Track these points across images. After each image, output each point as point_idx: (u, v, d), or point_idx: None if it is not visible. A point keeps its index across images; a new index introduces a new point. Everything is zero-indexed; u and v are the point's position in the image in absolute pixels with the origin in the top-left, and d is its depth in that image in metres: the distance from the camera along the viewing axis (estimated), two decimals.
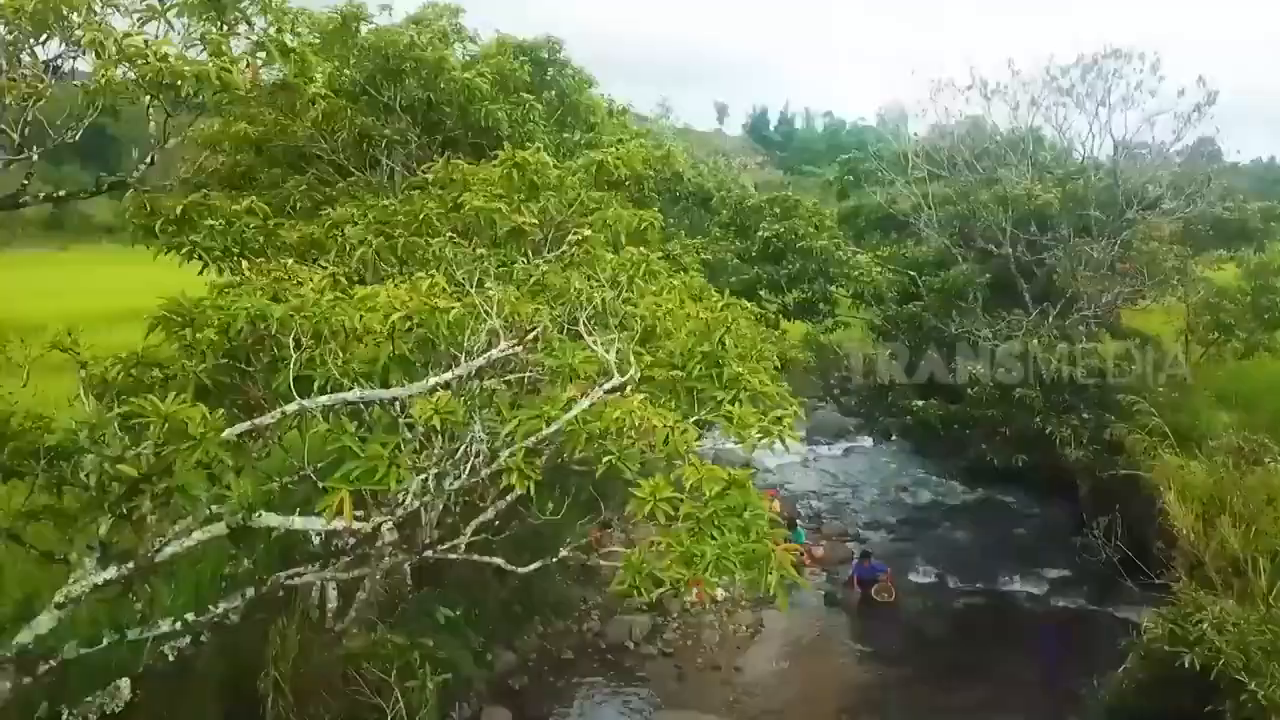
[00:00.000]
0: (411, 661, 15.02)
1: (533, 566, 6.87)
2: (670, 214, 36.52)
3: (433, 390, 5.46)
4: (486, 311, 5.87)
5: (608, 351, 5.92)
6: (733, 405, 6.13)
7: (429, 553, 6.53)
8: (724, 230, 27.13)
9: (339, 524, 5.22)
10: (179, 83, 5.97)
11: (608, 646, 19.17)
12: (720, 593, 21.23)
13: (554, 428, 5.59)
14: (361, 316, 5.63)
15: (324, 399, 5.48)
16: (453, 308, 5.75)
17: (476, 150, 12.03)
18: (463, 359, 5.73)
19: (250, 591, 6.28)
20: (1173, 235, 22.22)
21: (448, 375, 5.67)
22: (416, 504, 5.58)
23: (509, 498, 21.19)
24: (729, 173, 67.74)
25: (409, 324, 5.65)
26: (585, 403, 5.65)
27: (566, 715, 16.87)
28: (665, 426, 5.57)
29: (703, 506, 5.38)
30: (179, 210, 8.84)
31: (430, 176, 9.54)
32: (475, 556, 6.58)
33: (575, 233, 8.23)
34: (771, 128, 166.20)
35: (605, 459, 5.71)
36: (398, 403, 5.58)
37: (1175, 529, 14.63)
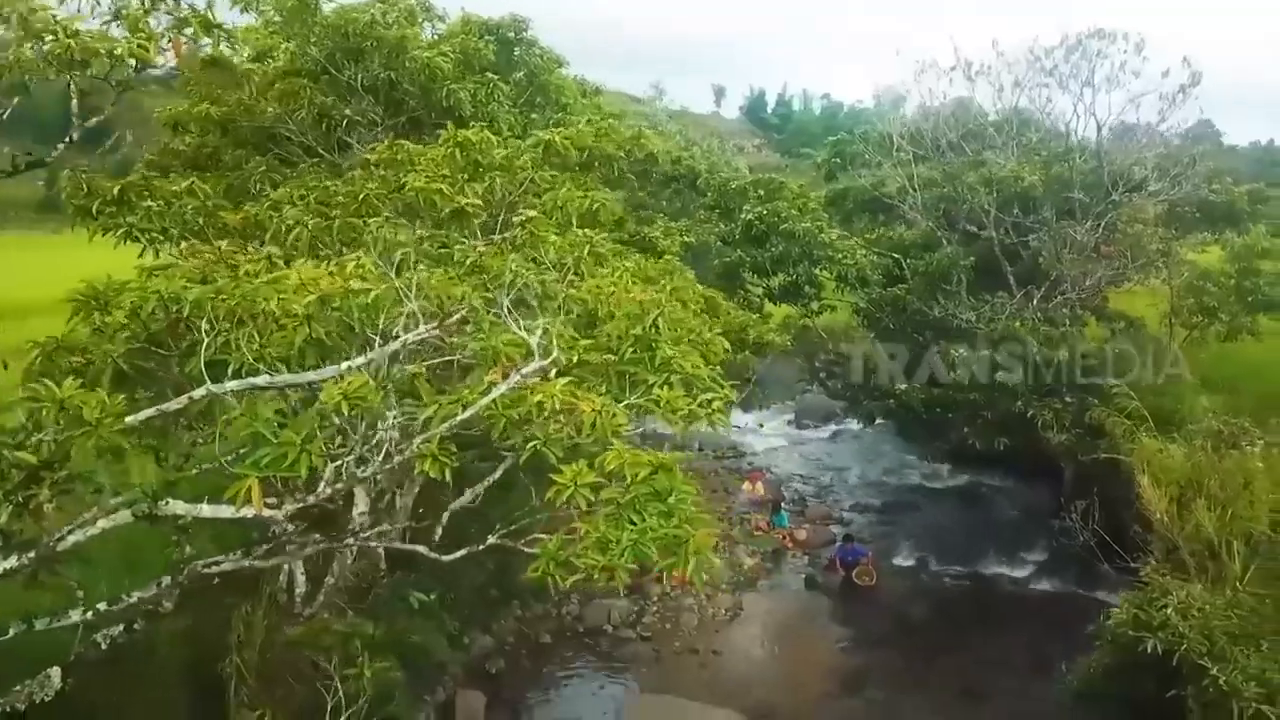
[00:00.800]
0: (381, 646, 15.07)
1: (458, 554, 6.70)
2: (661, 196, 36.40)
3: (342, 375, 5.33)
4: (406, 294, 5.74)
5: (531, 335, 5.79)
6: (663, 389, 6.00)
7: (350, 540, 6.41)
8: (709, 212, 26.95)
9: (248, 511, 5.12)
10: (92, 60, 5.83)
11: (586, 630, 19.14)
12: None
13: (469, 412, 5.47)
14: (281, 299, 5.50)
15: (232, 384, 5.35)
16: (369, 290, 5.62)
17: (440, 130, 11.85)
18: (378, 343, 5.60)
19: (167, 580, 6.17)
20: (1157, 217, 22.04)
21: (361, 360, 5.55)
22: (329, 490, 5.48)
23: (486, 483, 20.96)
24: (721, 155, 67.56)
25: (326, 307, 5.53)
26: (502, 387, 5.52)
27: (543, 699, 16.84)
28: (593, 410, 5.45)
29: (624, 491, 5.27)
30: (116, 191, 8.70)
31: (372, 157, 9.39)
32: (399, 544, 6.44)
33: (521, 214, 8.08)
34: (769, 110, 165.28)
35: (530, 444, 5.58)
36: (315, 388, 5.46)
37: (1149, 513, 14.57)
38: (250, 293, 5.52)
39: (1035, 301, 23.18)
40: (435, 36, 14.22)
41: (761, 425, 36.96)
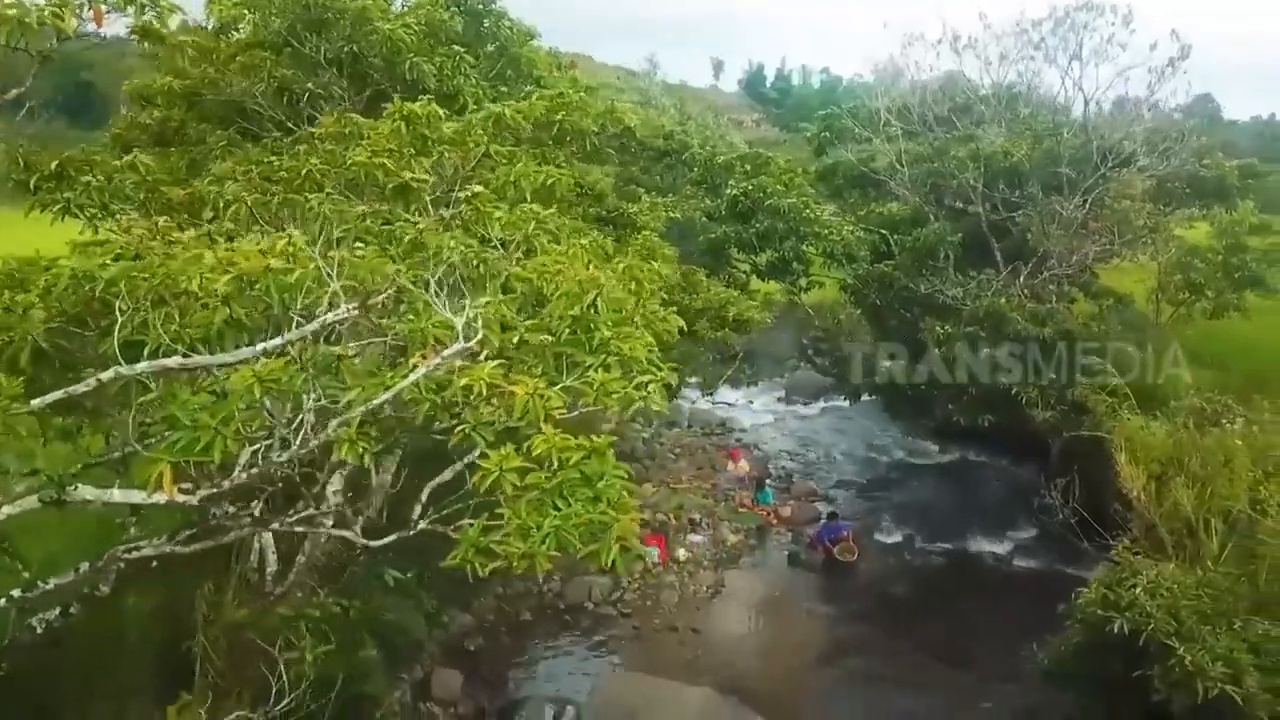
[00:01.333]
0: (355, 625, 15.04)
1: (388, 539, 6.58)
2: (654, 172, 36.11)
3: (258, 357, 5.18)
4: (328, 274, 5.58)
5: (458, 316, 5.63)
6: (600, 371, 5.85)
7: (276, 525, 6.30)
8: (695, 188, 26.71)
9: (159, 497, 5.00)
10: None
11: (566, 607, 19.12)
12: (682, 553, 21.26)
13: (388, 395, 5.32)
14: (204, 279, 5.34)
15: (142, 365, 5.21)
16: (290, 270, 5.45)
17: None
18: (294, 325, 5.44)
19: (85, 566, 6.07)
20: (1145, 193, 21.81)
21: (276, 341, 5.41)
22: (244, 476, 5.36)
23: (468, 460, 21.01)
24: (716, 129, 67.08)
25: (245, 287, 5.37)
26: (421, 370, 5.38)
27: (521, 677, 16.82)
28: (526, 394, 5.31)
29: (550, 477, 5.14)
30: (54, 166, 8.52)
31: (317, 130, 9.20)
32: (332, 529, 6.32)
33: (467, 189, 7.89)
34: (768, 85, 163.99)
35: (459, 429, 5.45)
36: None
37: (1127, 491, 14.50)
38: (172, 271, 5.37)
39: (1022, 278, 22.99)
40: (403, 8, 13.96)
41: (751, 402, 36.91)
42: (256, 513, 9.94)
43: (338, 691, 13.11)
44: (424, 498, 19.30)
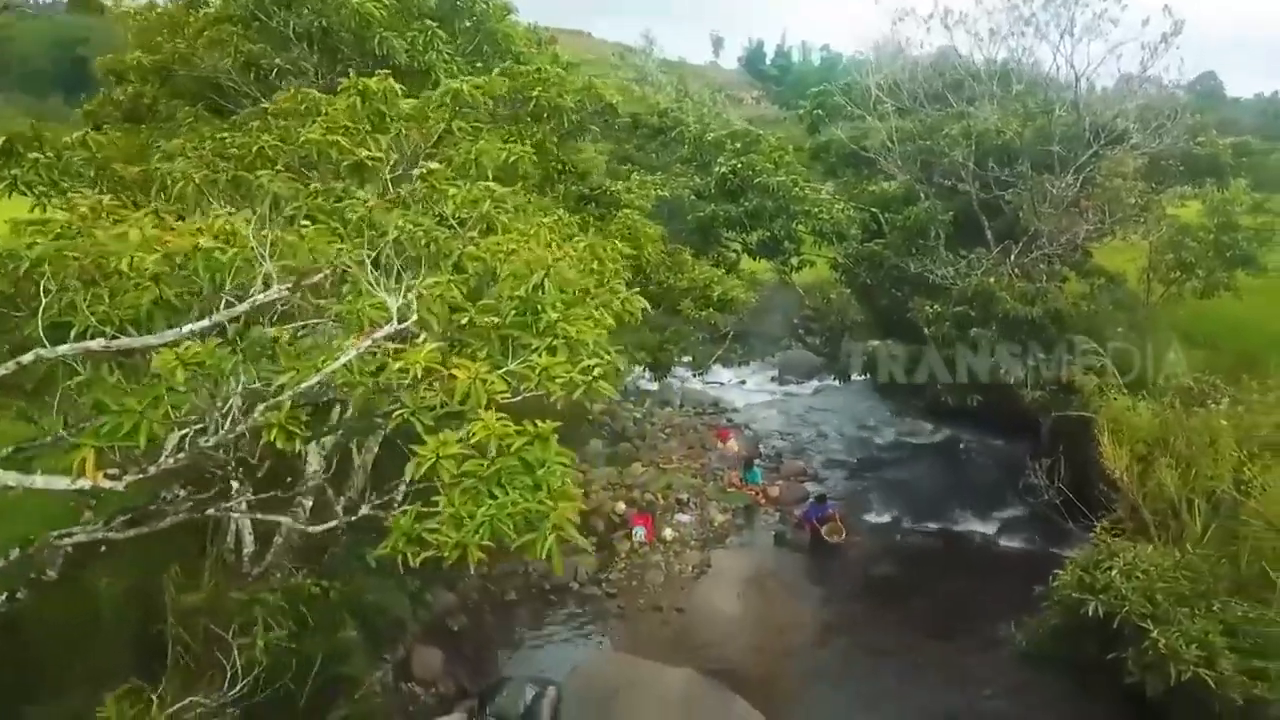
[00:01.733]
0: (335, 606, 15.00)
1: (323, 527, 6.47)
2: (649, 149, 35.83)
3: (185, 339, 5.05)
4: (261, 254, 5.43)
5: (393, 296, 5.49)
6: (546, 354, 5.70)
7: (211, 510, 6.19)
8: (685, 165, 26.48)
9: (83, 483, 4.89)
10: None
11: (552, 587, 19.09)
12: (669, 533, 21.22)
13: (317, 378, 5.19)
14: (135, 258, 5.20)
15: (64, 348, 5.09)
16: (220, 249, 5.31)
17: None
18: (225, 306, 5.31)
19: (16, 552, 5.98)
20: (1137, 171, 21.57)
21: (203, 323, 5.28)
22: (171, 461, 5.24)
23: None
24: (712, 107, 66.56)
25: (174, 266, 5.23)
26: (351, 353, 5.24)
27: (504, 657, 16.81)
28: (468, 377, 5.18)
29: (488, 464, 5.02)
30: (1, 142, 8.36)
31: (271, 107, 9.03)
32: (259, 515, 6.20)
33: (422, 167, 7.73)
34: (768, 62, 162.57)
35: (397, 413, 5.32)
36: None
37: (1110, 472, 14.42)
38: (104, 250, 5.23)
39: (1013, 257, 22.80)
40: None
41: (744, 381, 36.81)
42: (233, 493, 9.92)
43: (317, 672, 13.17)
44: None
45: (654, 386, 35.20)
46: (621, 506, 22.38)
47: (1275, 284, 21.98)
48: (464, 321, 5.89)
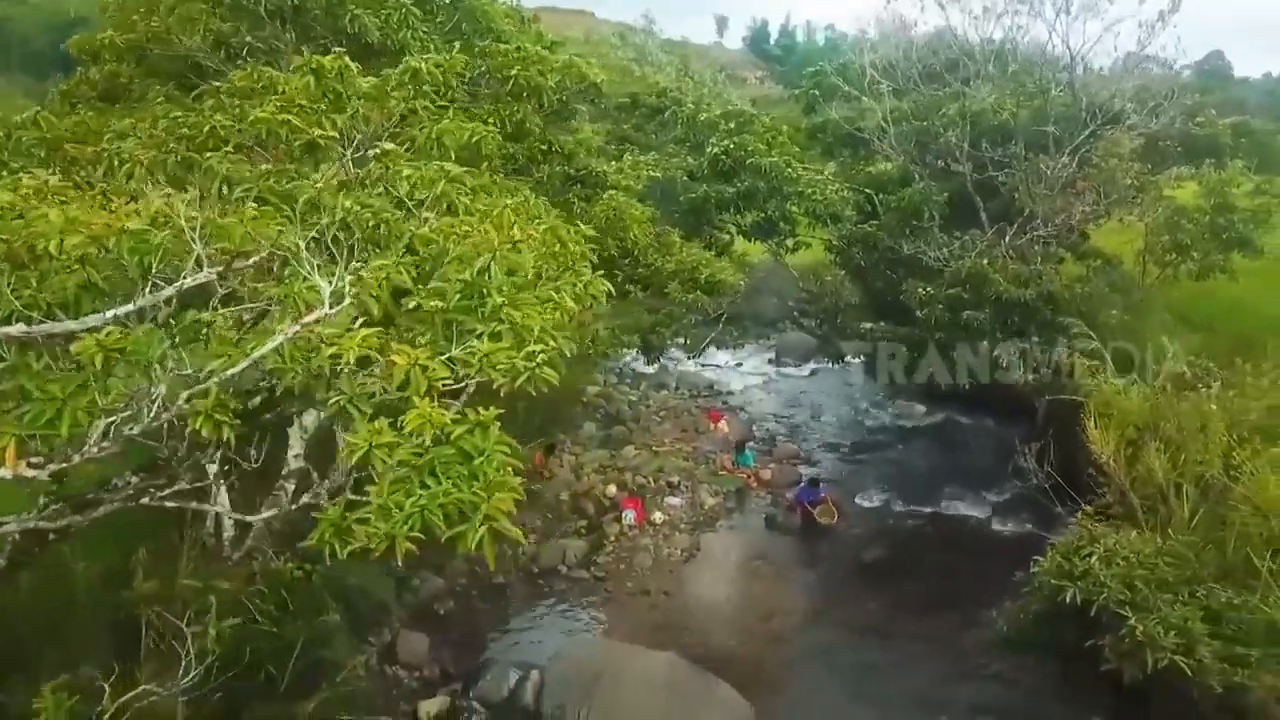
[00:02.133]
0: (318, 590, 14.95)
1: (265, 515, 6.36)
2: (647, 130, 35.50)
3: (109, 324, 4.93)
4: (193, 236, 5.29)
5: (326, 279, 5.35)
6: (491, 340, 5.56)
7: (146, 499, 6.08)
8: (679, 146, 26.25)
9: (4, 473, 4.78)
10: None
11: (540, 571, 19.06)
12: (658, 516, 21.15)
13: (243, 365, 5.06)
14: (64, 241, 5.07)
15: None
16: (146, 231, 5.17)
17: (354, 57, 11.25)
18: (145, 290, 5.18)
19: None
20: (1133, 152, 21.29)
21: (128, 307, 5.15)
22: (97, 450, 5.13)
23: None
24: (713, 87, 66.14)
25: (101, 249, 5.10)
26: (278, 338, 5.12)
27: (489, 641, 16.75)
28: (406, 363, 5.06)
29: (422, 453, 4.89)
30: None
31: (223, 85, 8.87)
32: (193, 504, 6.08)
33: (375, 147, 7.58)
34: (772, 42, 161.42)
35: (334, 400, 5.19)
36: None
37: (1096, 457, 14.28)
38: (35, 233, 5.10)
39: (1008, 239, 22.57)
40: None
41: (740, 364, 36.67)
42: (212, 475, 9.82)
43: (298, 656, 13.14)
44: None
45: (650, 369, 35.17)
46: (612, 489, 22.30)
47: (1272, 266, 21.72)
48: (412, 305, 5.76)
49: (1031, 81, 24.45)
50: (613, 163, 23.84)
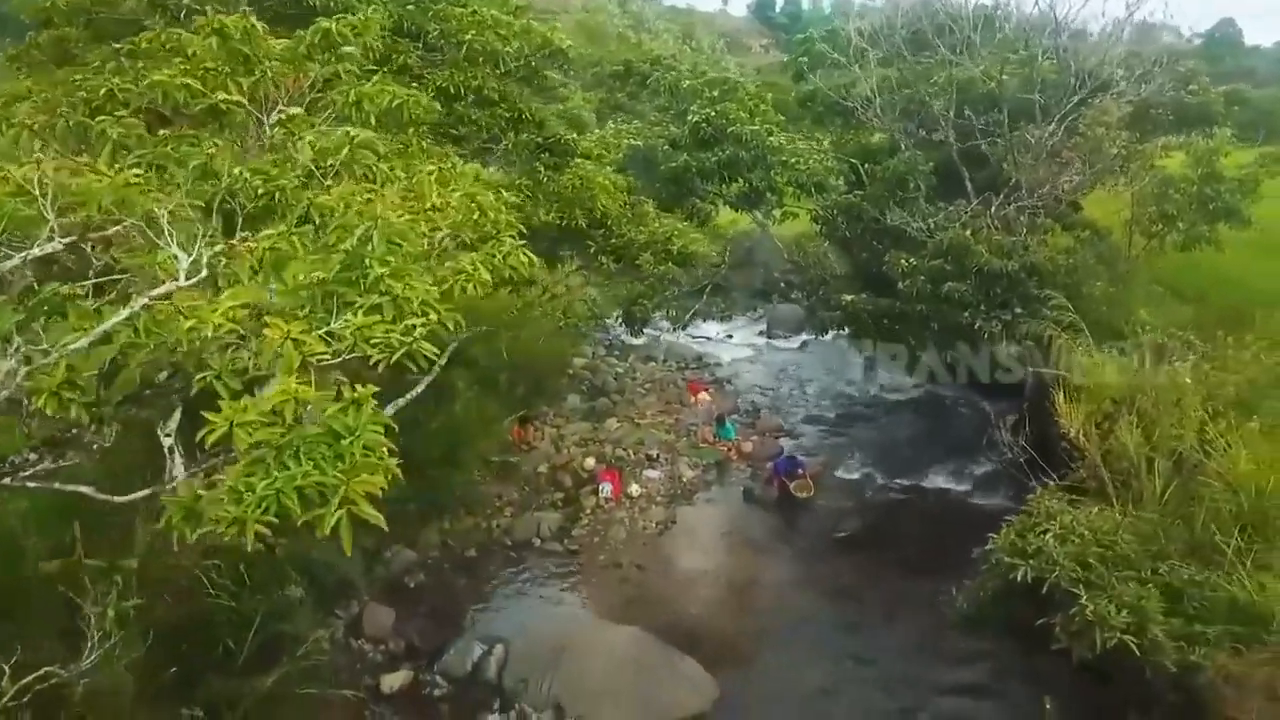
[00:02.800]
0: (280, 564, 14.83)
1: (137, 495, 6.15)
2: (640, 97, 35.08)
3: None
4: (45, 205, 5.04)
5: (184, 250, 5.12)
6: (370, 312, 5.31)
7: (8, 479, 5.87)
8: (662, 114, 25.90)
9: None
10: None
11: (513, 543, 18.97)
12: (635, 489, 21.00)
13: (89, 339, 4.84)
14: None
15: None
16: None
17: (298, 22, 10.95)
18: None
19: None
20: (1121, 120, 20.82)
21: None
22: None
23: (416, 391, 20.39)
24: (711, 54, 65.37)
25: None
26: (124, 312, 4.89)
27: (458, 614, 16.63)
28: (279, 337, 4.83)
29: (284, 431, 4.67)
30: None
31: (122, 47, 8.60)
32: (60, 485, 5.86)
33: (281, 112, 7.30)
34: (777, 9, 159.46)
35: (200, 377, 4.96)
36: None
37: (1064, 432, 14.03)
38: None
39: (994, 209, 22.18)
40: None
41: (730, 335, 36.43)
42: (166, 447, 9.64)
43: (257, 630, 13.05)
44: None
45: (639, 341, 34.93)
46: (590, 462, 22.15)
47: (1261, 237, 21.30)
48: (299, 277, 5.52)
49: (1021, 47, 23.92)
50: (595, 131, 23.46)
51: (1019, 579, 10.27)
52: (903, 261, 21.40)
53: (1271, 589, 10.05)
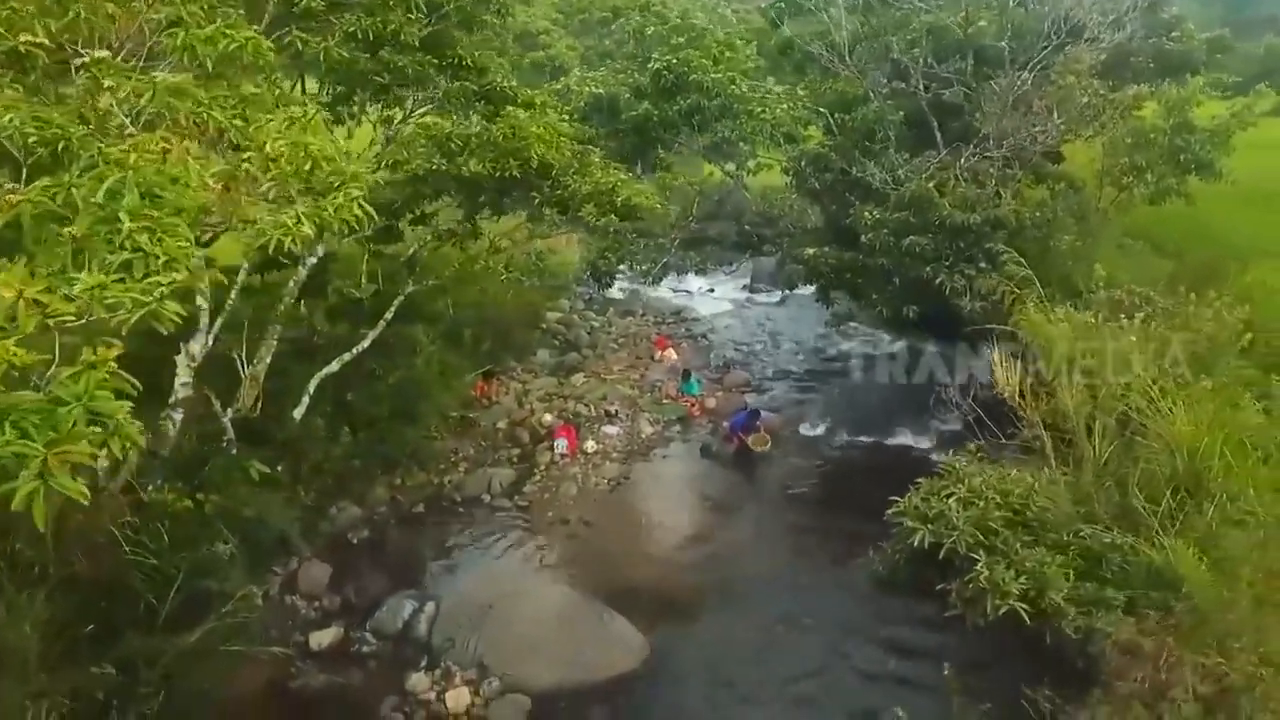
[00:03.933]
0: (209, 519, 14.72)
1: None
2: (627, 45, 34.18)
3: None
4: None
5: None
6: (120, 269, 5.00)
7: None
8: (628, 62, 25.25)
9: None
10: None
11: (463, 500, 18.85)
12: (591, 445, 20.81)
13: None
14: None
15: None
16: None
17: None
18: None
19: None
20: (1093, 68, 20.09)
21: None
22: None
23: (357, 350, 19.88)
24: (695, 3, 63.86)
25: None
26: None
27: (397, 570, 16.49)
28: (12, 296, 4.54)
29: None
30: None
31: None
32: None
33: (81, 55, 6.91)
34: None
35: None
36: None
37: (1000, 391, 13.68)
38: None
39: (963, 160, 21.56)
40: None
41: (712, 290, 36.05)
42: None
43: (179, 587, 12.96)
44: (311, 389, 18.48)
45: (620, 295, 34.58)
46: (549, 418, 21.97)
47: (1231, 190, 20.62)
48: (63, 232, 5.19)
49: None
50: (561, 80, 22.90)
51: (916, 544, 10.01)
52: (866, 214, 20.90)
53: (1181, 553, 9.75)
